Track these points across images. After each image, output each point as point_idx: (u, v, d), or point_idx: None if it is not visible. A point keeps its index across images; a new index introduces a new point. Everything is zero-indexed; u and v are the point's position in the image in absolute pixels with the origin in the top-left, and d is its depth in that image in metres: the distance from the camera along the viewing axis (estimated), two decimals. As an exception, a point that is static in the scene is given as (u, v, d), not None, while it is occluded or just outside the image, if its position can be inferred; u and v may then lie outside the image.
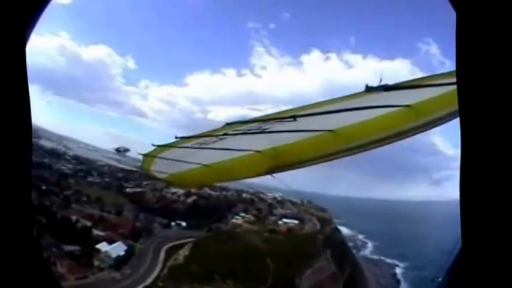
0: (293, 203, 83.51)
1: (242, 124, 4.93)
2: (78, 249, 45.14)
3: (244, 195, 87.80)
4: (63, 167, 58.47)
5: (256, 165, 4.41)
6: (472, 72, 2.00)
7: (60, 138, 64.62)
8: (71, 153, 63.27)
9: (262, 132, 4.64)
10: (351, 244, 72.95)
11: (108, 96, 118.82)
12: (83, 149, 67.37)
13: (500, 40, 1.90)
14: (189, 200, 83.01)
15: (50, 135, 61.50)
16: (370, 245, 75.91)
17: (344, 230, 77.95)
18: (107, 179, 69.86)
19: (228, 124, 4.94)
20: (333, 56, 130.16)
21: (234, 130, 4.93)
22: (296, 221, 73.53)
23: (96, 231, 51.13)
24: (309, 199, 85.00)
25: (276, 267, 57.32)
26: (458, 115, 2.03)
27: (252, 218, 77.35)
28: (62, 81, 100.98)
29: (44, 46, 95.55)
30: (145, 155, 5.44)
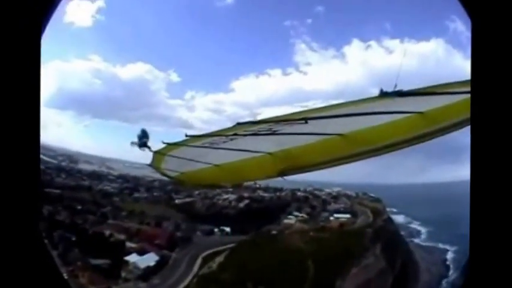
0: (348, 197, 77.75)
1: (253, 124, 4.61)
2: (107, 263, 47.32)
3: (298, 193, 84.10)
4: (106, 187, 63.39)
5: (267, 167, 4.78)
6: (486, 80, 2.03)
7: (102, 160, 69.96)
8: (115, 173, 68.25)
9: (273, 134, 4.52)
10: (404, 232, 68.94)
11: (152, 112, 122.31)
12: (129, 167, 71.82)
13: None
14: (241, 204, 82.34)
15: (90, 159, 67.37)
16: (423, 231, 72.14)
17: (399, 218, 74.81)
18: (155, 193, 73.48)
19: (238, 124, 4.53)
20: (373, 44, 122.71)
21: (245, 130, 4.65)
22: (348, 215, 67.65)
23: (129, 244, 53.17)
24: (365, 191, 79.24)
25: (316, 270, 50.69)
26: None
27: (305, 216, 73.51)
28: (100, 103, 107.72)
29: (75, 71, 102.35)
30: (155, 152, 5.29)
